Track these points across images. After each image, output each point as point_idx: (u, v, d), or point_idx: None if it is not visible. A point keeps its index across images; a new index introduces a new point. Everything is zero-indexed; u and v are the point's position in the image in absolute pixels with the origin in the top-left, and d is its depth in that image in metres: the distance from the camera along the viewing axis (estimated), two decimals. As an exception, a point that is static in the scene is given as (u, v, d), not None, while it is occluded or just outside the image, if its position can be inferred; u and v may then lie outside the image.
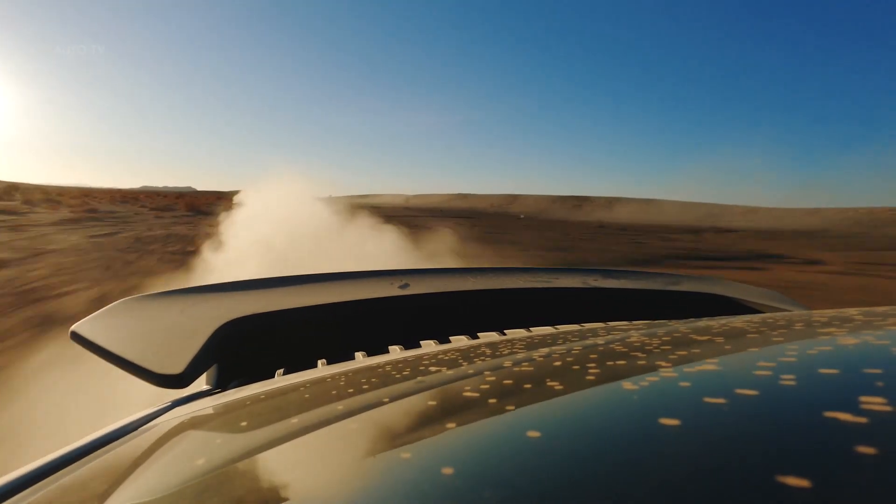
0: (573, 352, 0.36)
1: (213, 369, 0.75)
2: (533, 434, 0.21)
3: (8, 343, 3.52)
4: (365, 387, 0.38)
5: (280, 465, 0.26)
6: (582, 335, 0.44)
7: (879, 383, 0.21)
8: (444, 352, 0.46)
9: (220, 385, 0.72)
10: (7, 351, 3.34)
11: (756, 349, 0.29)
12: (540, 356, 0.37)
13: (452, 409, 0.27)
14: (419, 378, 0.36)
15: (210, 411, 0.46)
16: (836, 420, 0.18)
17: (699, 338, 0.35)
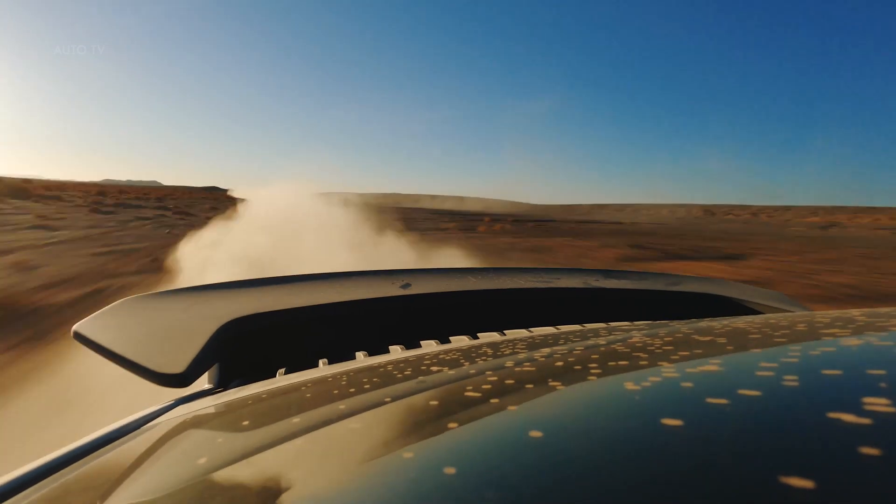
0: (575, 352, 0.36)
1: (214, 369, 0.75)
2: (535, 434, 0.21)
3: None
4: (366, 386, 0.38)
5: (282, 464, 0.26)
6: (583, 335, 0.44)
7: (882, 384, 0.21)
8: (446, 352, 0.46)
9: (221, 384, 0.72)
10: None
11: (758, 350, 0.29)
12: (541, 356, 0.37)
13: (454, 409, 0.27)
14: (420, 378, 0.36)
15: (211, 411, 0.46)
16: (839, 421, 0.18)
17: (701, 338, 0.35)
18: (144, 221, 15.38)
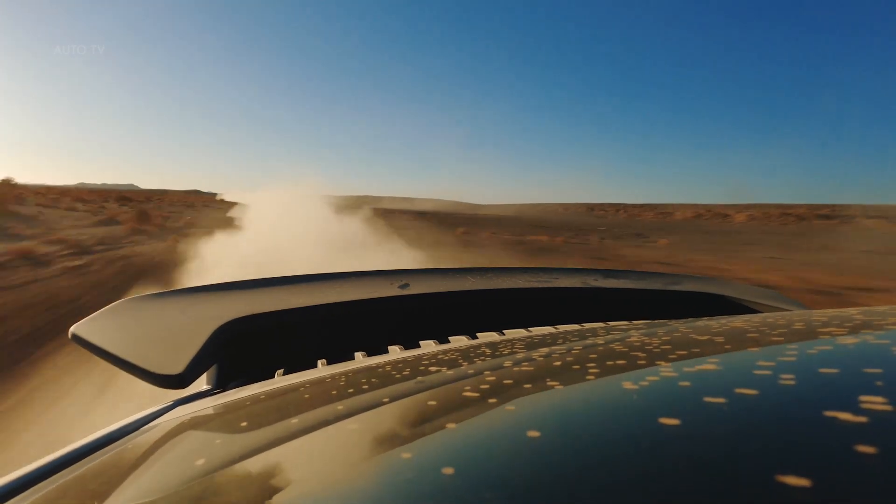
0: (573, 352, 0.36)
1: (212, 369, 0.75)
2: (533, 434, 0.21)
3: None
4: (365, 387, 0.38)
5: (280, 465, 0.26)
6: (582, 335, 0.44)
7: (879, 383, 0.21)
8: (444, 352, 0.46)
9: (219, 385, 0.72)
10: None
11: (756, 349, 0.29)
12: (540, 356, 0.37)
13: (452, 409, 0.27)
14: (419, 378, 0.36)
15: (210, 412, 0.46)
16: (836, 419, 0.18)
17: (699, 337, 0.35)
18: (210, 210, 29.72)
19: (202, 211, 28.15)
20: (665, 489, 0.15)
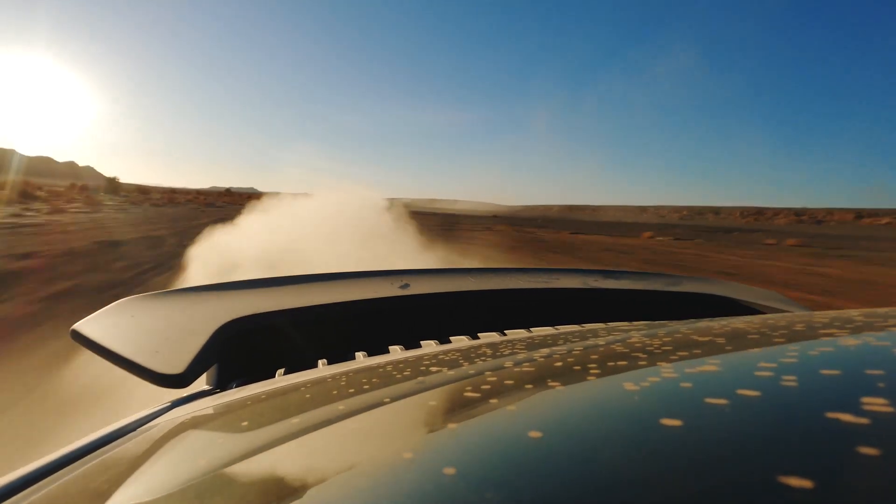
0: (574, 352, 0.36)
1: (213, 369, 0.75)
2: (534, 434, 0.21)
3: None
4: (366, 387, 0.38)
5: (281, 465, 0.26)
6: (582, 336, 0.44)
7: (881, 384, 0.21)
8: (445, 352, 0.46)
9: (220, 385, 0.72)
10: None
11: (757, 350, 0.29)
12: (541, 356, 0.37)
13: (454, 410, 0.27)
14: (420, 378, 0.36)
15: (211, 411, 0.46)
16: (837, 421, 0.18)
17: (700, 338, 0.35)
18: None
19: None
20: (667, 490, 0.15)
